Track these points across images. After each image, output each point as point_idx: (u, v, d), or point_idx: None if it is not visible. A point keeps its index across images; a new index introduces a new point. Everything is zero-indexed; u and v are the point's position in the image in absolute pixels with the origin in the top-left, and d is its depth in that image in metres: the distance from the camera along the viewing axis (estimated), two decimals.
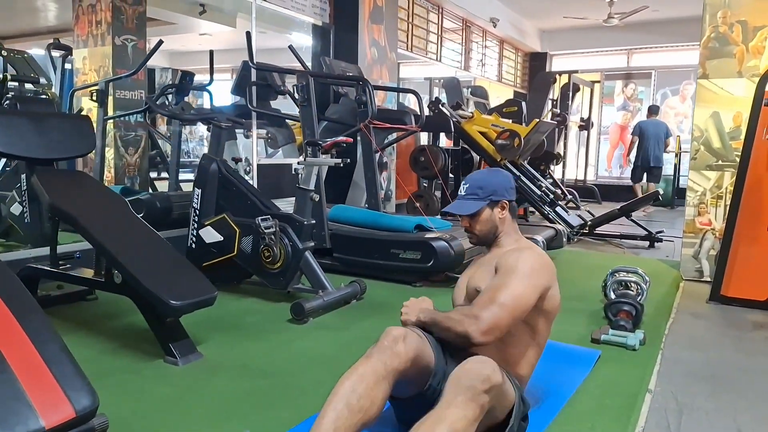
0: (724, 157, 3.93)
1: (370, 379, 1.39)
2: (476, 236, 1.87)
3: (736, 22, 3.84)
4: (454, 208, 1.85)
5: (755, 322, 3.11)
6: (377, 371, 1.41)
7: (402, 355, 1.46)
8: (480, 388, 1.33)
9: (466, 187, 1.85)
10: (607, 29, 9.71)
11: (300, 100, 3.82)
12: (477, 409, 1.31)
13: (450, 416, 1.28)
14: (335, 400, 1.35)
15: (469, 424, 1.29)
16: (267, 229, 2.98)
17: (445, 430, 1.27)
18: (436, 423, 1.28)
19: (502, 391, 1.42)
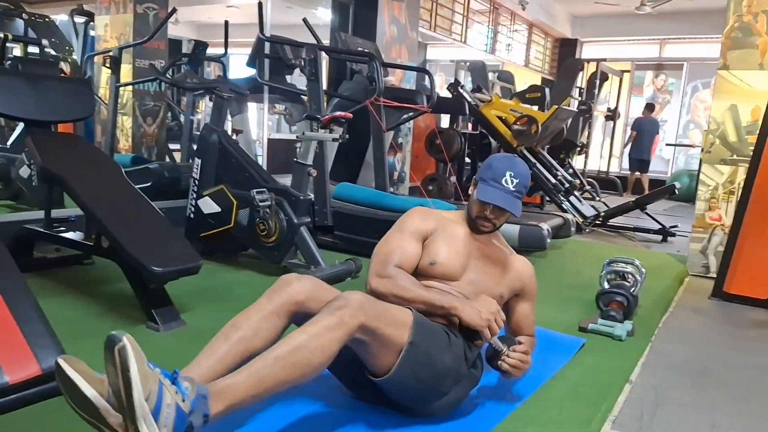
0: (739, 151, 3.81)
1: (255, 315, 1.49)
2: (493, 228, 1.86)
3: (761, 12, 3.69)
4: (507, 203, 1.75)
5: (754, 320, 3.05)
6: (262, 308, 1.51)
7: (291, 292, 1.53)
8: (335, 304, 1.42)
9: (515, 183, 1.74)
10: (640, 17, 9.44)
11: (308, 74, 3.81)
12: (334, 319, 1.37)
13: (305, 326, 1.39)
14: (215, 337, 1.46)
15: (323, 329, 1.36)
16: (262, 203, 3.01)
17: (299, 335, 1.36)
18: (293, 333, 1.38)
19: (370, 307, 1.45)
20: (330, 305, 1.45)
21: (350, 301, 1.44)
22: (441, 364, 1.59)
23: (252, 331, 1.49)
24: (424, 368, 1.55)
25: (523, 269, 1.90)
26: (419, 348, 1.53)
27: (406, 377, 1.53)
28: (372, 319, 1.46)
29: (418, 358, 1.53)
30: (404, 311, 1.58)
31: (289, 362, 1.34)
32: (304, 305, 1.55)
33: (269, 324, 1.52)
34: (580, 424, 1.73)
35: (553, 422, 1.72)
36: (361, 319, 1.43)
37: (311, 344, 1.36)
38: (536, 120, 5.66)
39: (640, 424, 1.84)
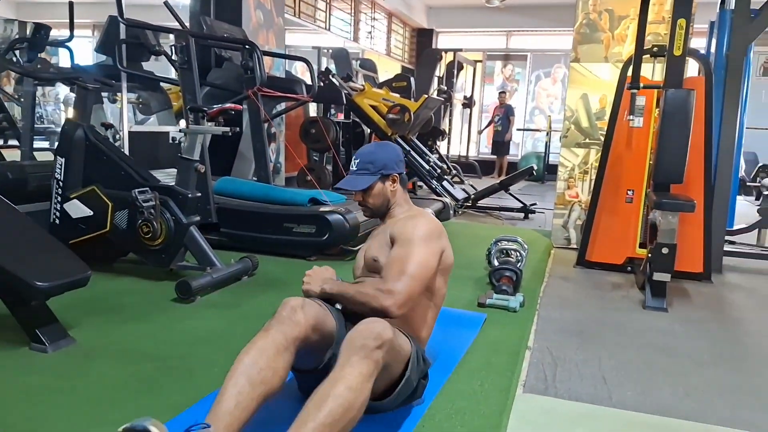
0: (591, 135, 4.32)
1: (271, 351, 1.39)
2: (370, 209, 1.91)
3: (605, 11, 4.19)
4: (347, 183, 1.87)
5: (614, 283, 3.50)
6: (277, 342, 1.41)
7: (302, 323, 1.47)
8: (372, 345, 1.37)
9: (356, 162, 1.87)
10: (489, 10, 10.16)
11: (179, 62, 3.56)
12: (371, 364, 1.36)
13: (346, 375, 1.32)
14: (236, 375, 1.34)
15: (365, 379, 1.33)
16: (145, 203, 2.79)
17: (343, 388, 1.29)
18: (334, 383, 1.31)
19: (395, 346, 1.47)
20: (364, 346, 1.38)
21: (385, 342, 1.41)
22: (415, 386, 1.66)
23: (272, 370, 1.39)
24: (406, 394, 1.63)
25: (396, 222, 1.86)
26: (409, 381, 1.59)
27: (393, 405, 1.61)
28: (390, 356, 1.47)
29: (407, 389, 1.60)
30: (406, 342, 1.60)
31: (343, 424, 1.28)
32: (308, 340, 1.51)
33: (284, 361, 1.43)
34: (501, 392, 1.88)
35: (479, 393, 1.85)
36: (387, 358, 1.44)
37: (359, 401, 1.32)
38: (409, 109, 5.87)
39: (546, 385, 2.05)
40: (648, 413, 1.87)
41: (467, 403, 1.78)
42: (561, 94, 11.36)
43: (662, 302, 2.97)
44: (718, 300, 3.23)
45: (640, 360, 2.32)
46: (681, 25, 3.10)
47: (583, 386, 2.05)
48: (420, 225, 1.76)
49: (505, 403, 1.81)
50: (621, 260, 3.71)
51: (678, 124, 3.05)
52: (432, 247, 1.73)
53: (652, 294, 3.00)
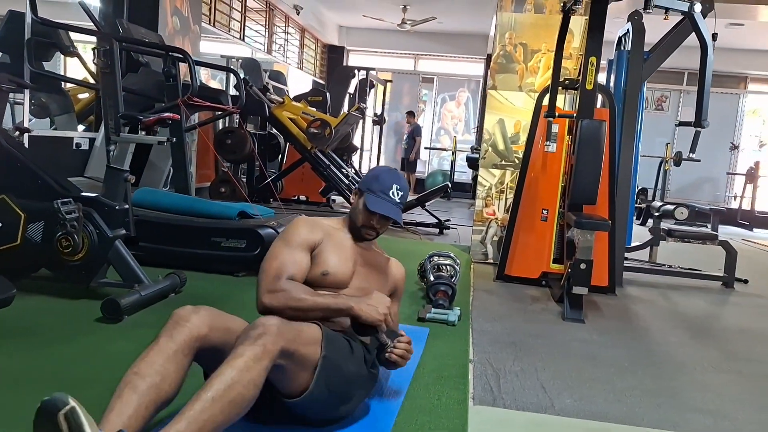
0: (507, 158, 4.61)
1: (158, 358, 1.37)
2: (376, 236, 1.95)
3: (519, 44, 4.51)
4: (394, 214, 1.87)
5: (532, 296, 3.74)
6: (164, 349, 1.39)
7: (195, 323, 1.44)
8: (254, 333, 1.39)
9: (401, 195, 1.88)
10: (400, 33, 10.50)
11: (102, 66, 3.34)
12: (257, 348, 1.36)
13: (230, 359, 1.35)
14: (120, 389, 1.32)
15: (249, 360, 1.34)
16: (68, 215, 2.57)
17: (225, 368, 1.32)
18: (221, 368, 1.33)
19: (286, 330, 1.45)
20: (248, 334, 1.40)
21: (269, 327, 1.41)
22: (348, 371, 1.64)
23: (160, 376, 1.36)
24: (335, 379, 1.58)
25: (397, 271, 2.04)
26: (331, 361, 1.56)
27: (321, 392, 1.55)
28: (290, 342, 1.45)
29: (330, 371, 1.56)
30: (312, 327, 1.58)
31: (226, 402, 1.28)
32: (207, 338, 1.46)
33: (175, 365, 1.40)
34: (458, 404, 1.95)
35: (438, 407, 1.91)
36: (281, 343, 1.41)
37: (243, 379, 1.32)
38: (330, 124, 5.91)
39: (493, 397, 2.15)
40: (588, 419, 2.02)
41: (429, 418, 1.83)
42: (464, 116, 11.95)
43: (580, 314, 3.22)
44: (624, 311, 3.57)
45: (571, 369, 2.50)
46: (592, 62, 3.42)
47: (526, 396, 2.18)
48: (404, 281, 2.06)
49: (464, 415, 1.88)
50: (537, 274, 3.97)
51: (591, 151, 3.35)
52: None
53: (571, 306, 3.25)
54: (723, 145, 10.25)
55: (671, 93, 10.48)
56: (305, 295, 1.68)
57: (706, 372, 2.60)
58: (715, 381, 2.50)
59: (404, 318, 2.83)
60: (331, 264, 1.81)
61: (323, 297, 1.71)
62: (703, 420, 2.08)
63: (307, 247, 1.81)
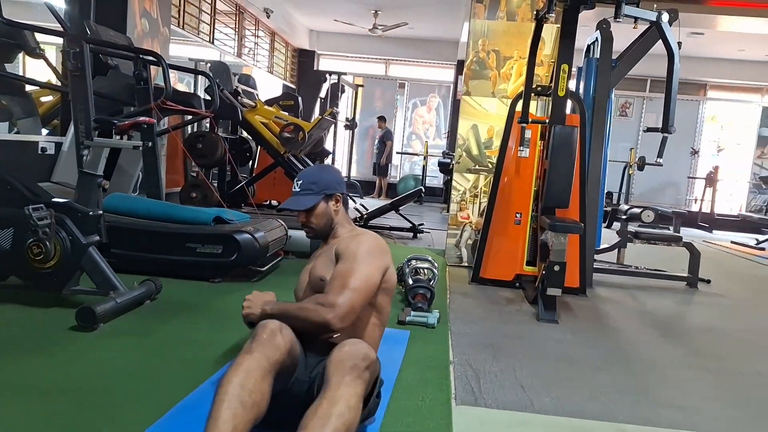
0: (480, 162, 4.68)
1: (257, 373, 1.37)
2: (313, 230, 1.94)
3: (492, 51, 4.60)
4: (291, 203, 1.90)
5: (507, 298, 3.81)
6: (262, 365, 1.40)
7: (281, 347, 1.46)
8: (362, 365, 1.41)
9: (299, 184, 1.91)
10: (371, 38, 10.53)
11: (71, 69, 3.27)
12: (363, 384, 1.40)
13: (343, 395, 1.34)
14: (228, 399, 1.30)
15: (359, 399, 1.37)
16: (41, 221, 2.51)
17: (344, 408, 1.31)
18: (334, 403, 1.32)
19: (378, 367, 1.52)
20: (355, 367, 1.41)
21: (372, 362, 1.47)
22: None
23: (260, 394, 1.38)
24: (372, 409, 1.66)
25: (341, 241, 1.90)
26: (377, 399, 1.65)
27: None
28: (372, 377, 1.51)
29: (373, 406, 1.65)
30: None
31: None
32: (285, 362, 1.51)
33: (268, 384, 1.43)
34: (442, 405, 1.98)
35: (423, 409, 1.93)
36: (370, 378, 1.49)
37: (357, 420, 1.37)
38: (303, 128, 5.88)
39: (475, 397, 2.19)
40: (567, 417, 2.08)
41: (414, 419, 1.86)
42: (435, 121, 12.06)
43: (553, 315, 3.29)
44: (595, 312, 3.66)
45: (548, 368, 2.56)
46: (564, 69, 3.52)
47: (506, 395, 2.22)
48: (364, 241, 1.83)
49: (448, 416, 1.91)
50: (511, 277, 4.05)
51: (564, 156, 3.44)
52: (376, 262, 1.80)
53: (545, 307, 3.32)
54: (684, 151, 10.62)
55: (635, 99, 10.82)
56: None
57: (676, 369, 2.69)
58: (684, 378, 2.59)
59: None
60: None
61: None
62: (675, 415, 2.16)
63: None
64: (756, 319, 3.93)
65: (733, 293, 4.62)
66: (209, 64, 8.42)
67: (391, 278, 1.89)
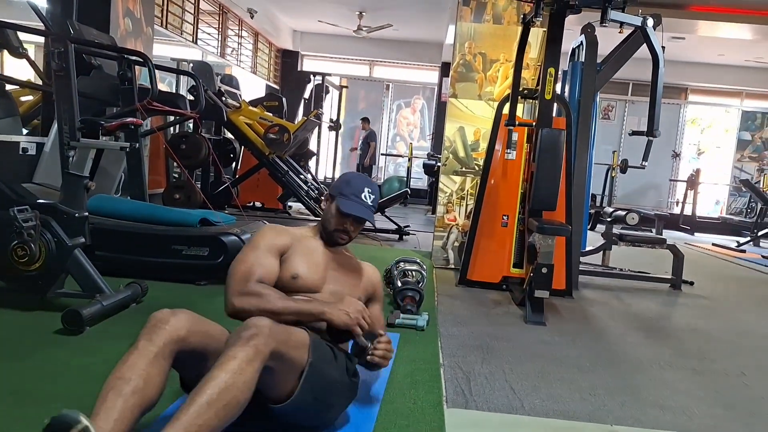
0: (467, 164, 4.69)
1: (140, 362, 1.36)
2: (349, 240, 1.96)
3: (478, 53, 4.62)
4: (364, 214, 1.90)
5: (494, 300, 3.82)
6: (144, 352, 1.38)
7: (173, 326, 1.43)
8: (246, 334, 1.39)
9: (372, 199, 1.92)
10: (355, 39, 10.52)
11: (56, 69, 3.21)
12: (250, 350, 1.36)
13: (223, 362, 1.34)
14: (104, 394, 1.30)
15: (242, 362, 1.34)
16: (25, 223, 2.45)
17: (219, 371, 1.32)
18: (211, 371, 1.33)
19: (277, 332, 1.45)
20: (240, 335, 1.40)
21: (261, 328, 1.41)
22: (331, 378, 1.64)
23: (142, 380, 1.34)
24: (320, 386, 1.58)
25: (374, 274, 2.06)
26: (316, 367, 1.56)
27: (306, 397, 1.54)
28: (281, 344, 1.45)
29: (316, 377, 1.56)
30: (300, 331, 1.58)
31: (221, 406, 1.28)
32: (186, 341, 1.45)
33: (157, 368, 1.38)
34: (434, 408, 1.97)
35: (415, 411, 1.93)
36: (272, 345, 1.41)
37: (238, 381, 1.32)
38: (288, 129, 5.86)
39: (465, 400, 2.18)
40: (558, 418, 2.09)
41: (408, 422, 1.85)
42: (420, 123, 12.09)
43: (541, 317, 3.31)
44: (582, 313, 3.69)
45: (537, 370, 2.57)
46: (551, 73, 3.54)
47: (497, 397, 2.22)
48: (379, 280, 2.09)
49: (441, 418, 1.90)
50: (498, 279, 4.06)
51: (551, 158, 3.46)
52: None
53: (532, 309, 3.33)
54: (666, 154, 10.79)
55: (617, 103, 10.97)
56: (277, 298, 1.67)
57: (663, 370, 2.72)
58: (671, 378, 2.62)
59: None
60: (301, 268, 1.81)
61: (295, 301, 1.71)
62: (664, 416, 2.18)
63: (276, 252, 1.81)
64: (738, 320, 4.00)
65: (716, 295, 4.69)
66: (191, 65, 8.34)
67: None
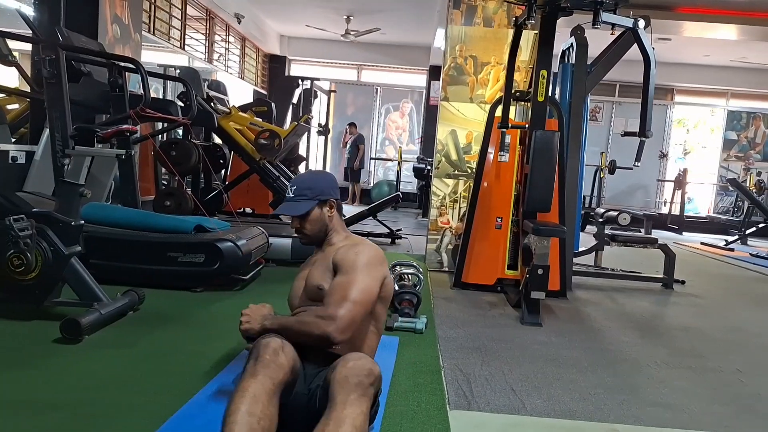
0: (459, 167, 4.71)
1: (264, 397, 1.35)
2: (307, 236, 1.93)
3: (469, 56, 4.64)
4: (285, 209, 1.89)
5: (490, 302, 3.83)
6: (267, 388, 1.38)
7: (285, 366, 1.45)
8: (366, 382, 1.40)
9: (293, 189, 1.90)
10: (343, 43, 10.53)
11: (47, 76, 3.19)
12: (368, 402, 1.38)
13: (350, 415, 1.32)
14: (237, 428, 1.27)
15: (365, 417, 1.37)
16: (22, 232, 2.42)
17: (349, 428, 1.30)
18: (338, 425, 1.30)
19: (380, 380, 1.50)
20: (360, 384, 1.40)
21: (377, 378, 1.47)
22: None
23: (269, 419, 1.36)
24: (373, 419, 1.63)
25: (338, 249, 1.85)
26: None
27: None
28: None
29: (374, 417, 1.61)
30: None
31: None
32: (289, 380, 1.50)
33: (274, 405, 1.41)
34: (438, 410, 1.98)
35: (419, 414, 1.93)
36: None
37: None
38: (279, 135, 5.83)
39: (468, 402, 2.19)
40: (559, 418, 2.10)
41: (412, 424, 1.85)
42: (409, 127, 12.12)
43: (537, 318, 3.33)
44: (577, 314, 3.72)
45: (536, 370, 2.58)
46: (543, 75, 3.57)
47: (498, 398, 2.23)
48: (363, 252, 1.81)
49: (445, 420, 1.90)
50: (492, 281, 4.07)
51: (545, 160, 3.49)
52: (374, 273, 1.79)
53: (529, 311, 3.35)
54: (653, 154, 10.90)
55: (605, 104, 11.08)
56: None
57: (659, 368, 2.75)
58: (668, 376, 2.64)
59: None
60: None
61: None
62: (663, 413, 2.20)
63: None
64: (730, 318, 4.05)
65: (707, 293, 4.75)
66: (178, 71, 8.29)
67: (388, 287, 1.89)
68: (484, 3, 4.59)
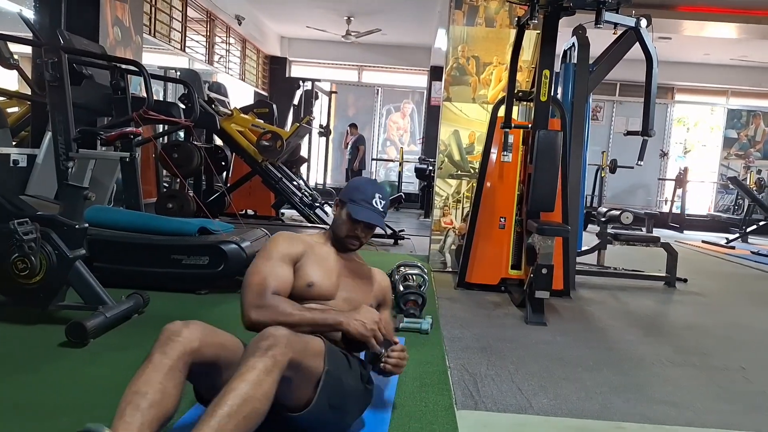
0: (462, 168, 4.72)
1: (155, 375, 1.35)
2: (360, 245, 1.96)
3: (472, 57, 4.65)
4: (376, 220, 1.90)
5: (494, 302, 3.84)
6: (159, 366, 1.37)
7: (185, 341, 1.41)
8: (264, 344, 1.39)
9: (383, 204, 1.91)
10: (343, 44, 10.54)
11: (50, 79, 3.20)
12: (268, 360, 1.36)
13: (242, 373, 1.34)
14: (121, 409, 1.30)
15: (261, 373, 1.34)
16: (26, 236, 2.43)
17: (239, 383, 1.32)
18: (230, 383, 1.33)
19: (295, 340, 1.45)
20: (258, 345, 1.40)
21: (279, 338, 1.41)
22: (347, 386, 1.64)
23: (159, 394, 1.33)
24: (336, 394, 1.58)
25: (383, 280, 2.06)
26: (332, 375, 1.57)
27: (323, 405, 1.54)
28: (298, 353, 1.45)
29: (332, 385, 1.56)
30: (316, 339, 1.58)
31: (241, 417, 1.28)
32: (200, 353, 1.44)
33: (172, 381, 1.37)
34: (445, 410, 1.98)
35: (427, 414, 1.93)
36: (290, 354, 1.42)
37: (257, 392, 1.32)
38: (281, 136, 5.84)
39: (475, 402, 2.19)
40: (566, 417, 2.10)
41: (421, 424, 1.85)
42: (410, 127, 12.13)
43: (542, 317, 3.33)
44: (581, 313, 3.72)
45: (542, 370, 2.59)
46: (546, 75, 3.58)
47: (505, 398, 2.24)
48: (389, 287, 2.10)
49: (453, 420, 1.91)
50: (496, 281, 4.08)
51: (548, 160, 3.49)
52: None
53: (533, 310, 3.36)
54: (654, 153, 10.91)
55: (605, 103, 11.09)
56: (293, 309, 1.67)
57: (664, 366, 2.75)
58: (673, 374, 2.65)
59: None
60: (315, 275, 1.81)
61: (311, 312, 1.70)
62: (669, 411, 2.21)
63: (289, 261, 1.81)
64: (733, 315, 4.05)
65: (709, 291, 4.75)
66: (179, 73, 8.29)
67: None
68: (486, 3, 4.60)
